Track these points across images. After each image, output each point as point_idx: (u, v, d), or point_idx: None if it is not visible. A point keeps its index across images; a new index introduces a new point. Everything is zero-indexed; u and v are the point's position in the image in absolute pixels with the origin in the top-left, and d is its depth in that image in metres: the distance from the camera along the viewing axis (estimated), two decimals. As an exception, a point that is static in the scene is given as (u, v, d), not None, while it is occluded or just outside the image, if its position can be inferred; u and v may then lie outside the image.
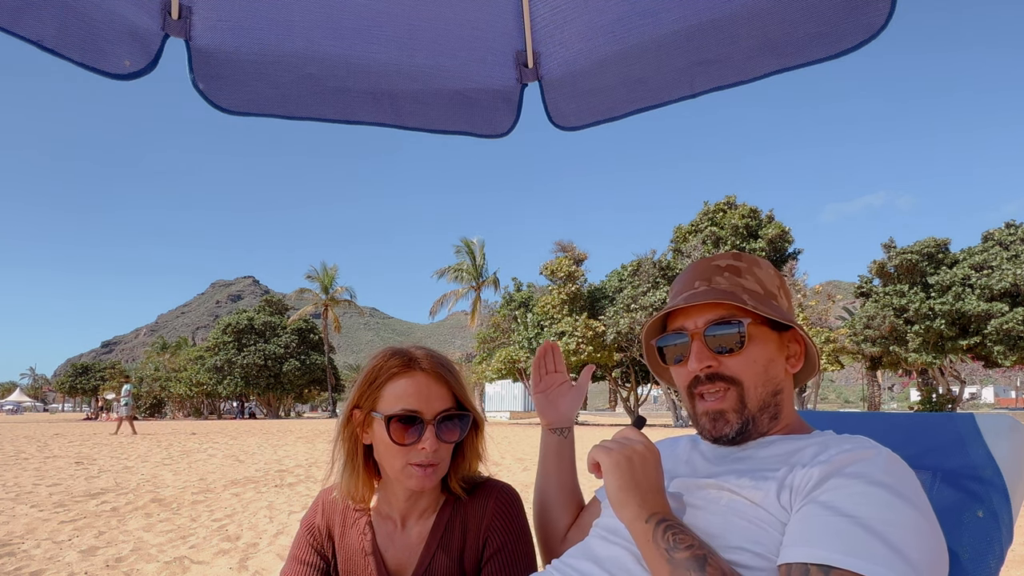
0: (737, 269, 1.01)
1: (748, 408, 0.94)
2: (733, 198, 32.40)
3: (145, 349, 77.87)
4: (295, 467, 10.15)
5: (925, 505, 0.78)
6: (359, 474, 1.13)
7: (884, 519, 0.73)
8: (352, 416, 1.12)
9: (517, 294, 34.35)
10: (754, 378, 0.95)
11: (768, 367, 0.96)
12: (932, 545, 0.74)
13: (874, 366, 29.90)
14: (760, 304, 0.96)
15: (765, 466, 0.89)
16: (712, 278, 1.01)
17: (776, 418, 0.97)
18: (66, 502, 6.47)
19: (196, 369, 47.67)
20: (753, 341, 0.95)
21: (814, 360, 1.02)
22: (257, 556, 4.32)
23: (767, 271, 1.03)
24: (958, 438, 1.05)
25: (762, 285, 1.01)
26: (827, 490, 0.78)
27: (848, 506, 0.75)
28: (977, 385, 60.06)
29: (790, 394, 1.00)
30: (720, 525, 0.85)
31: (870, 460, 0.80)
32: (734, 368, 0.94)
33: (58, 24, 1.16)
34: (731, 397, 0.95)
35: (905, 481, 0.78)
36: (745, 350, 0.94)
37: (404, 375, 1.08)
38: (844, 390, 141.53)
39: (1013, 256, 25.41)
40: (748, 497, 0.85)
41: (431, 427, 1.06)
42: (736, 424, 0.94)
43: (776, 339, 0.98)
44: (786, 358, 0.99)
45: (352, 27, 1.44)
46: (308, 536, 1.19)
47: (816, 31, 1.28)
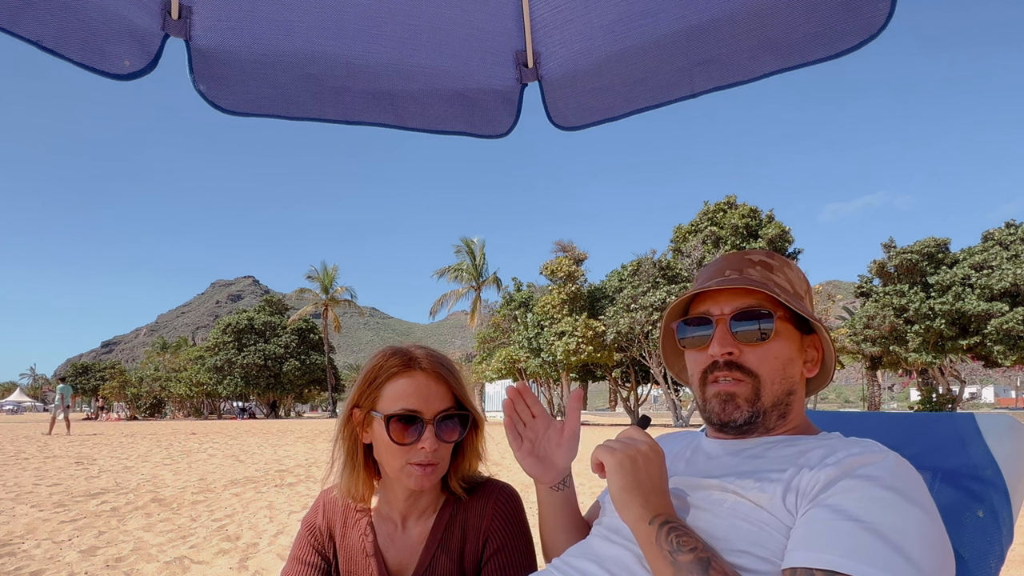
0: (770, 266, 1.01)
1: (761, 401, 0.94)
2: (733, 198, 32.38)
3: (145, 349, 77.83)
4: (295, 467, 10.15)
5: (933, 509, 0.77)
6: (359, 473, 1.13)
7: (891, 523, 0.73)
8: (352, 415, 1.12)
9: (517, 294, 34.33)
10: (772, 373, 0.94)
11: (787, 365, 0.96)
12: (940, 550, 0.73)
13: (874, 366, 29.89)
14: (791, 300, 0.95)
15: (771, 467, 0.88)
16: (744, 269, 1.00)
17: (784, 417, 0.97)
18: (66, 502, 6.47)
19: (196, 369, 47.65)
20: (778, 336, 0.95)
21: (829, 369, 1.01)
22: (257, 556, 4.32)
23: (797, 274, 1.03)
24: (958, 438, 1.05)
25: (792, 285, 1.01)
26: (834, 493, 0.78)
27: (855, 510, 0.74)
28: (977, 385, 60.07)
29: (802, 397, 1.00)
30: (724, 528, 0.84)
31: (879, 464, 0.79)
32: (754, 360, 0.94)
33: (58, 24, 1.16)
34: (746, 387, 0.94)
35: (913, 485, 0.78)
36: (769, 343, 0.94)
37: (404, 374, 1.08)
38: (844, 390, 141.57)
39: (1013, 256, 25.39)
40: (753, 499, 0.85)
41: (431, 427, 1.06)
42: (747, 412, 0.94)
43: (799, 340, 0.98)
44: (804, 362, 0.99)
45: (352, 27, 1.44)
46: (309, 536, 1.19)
47: (816, 31, 1.28)
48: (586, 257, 32.08)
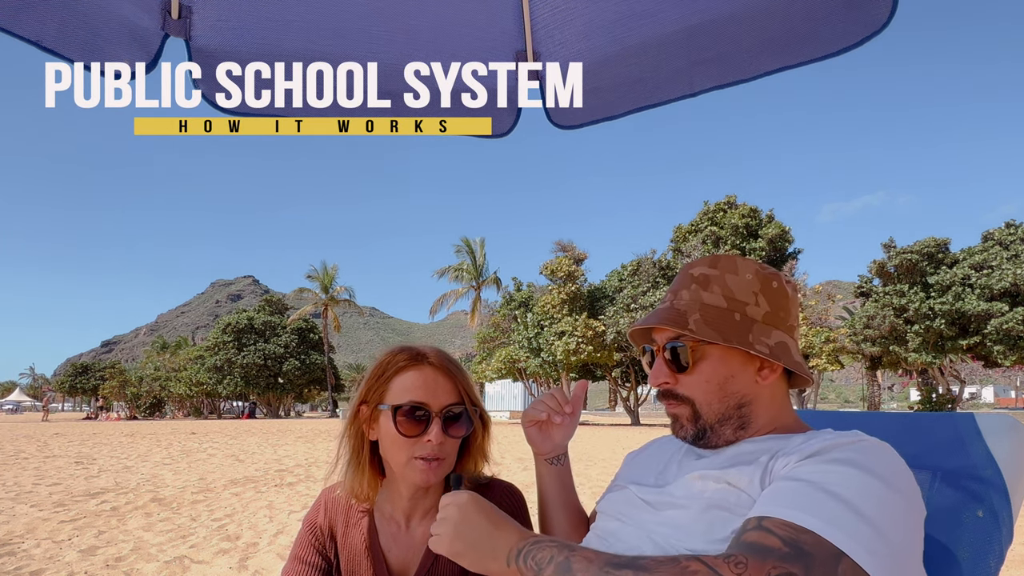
0: (706, 279, 0.98)
1: (703, 419, 0.96)
2: (733, 198, 32.39)
3: (145, 349, 77.85)
4: (295, 467, 10.15)
5: (906, 490, 0.76)
6: (364, 471, 1.13)
7: (848, 486, 0.73)
8: (359, 412, 1.12)
9: (517, 294, 34.34)
10: (706, 396, 0.95)
11: (725, 384, 0.94)
12: (903, 524, 0.73)
13: (874, 366, 29.90)
14: (710, 322, 0.93)
15: (753, 456, 0.89)
16: (679, 291, 1.00)
17: (744, 427, 0.95)
18: (66, 502, 6.47)
19: (196, 369, 47.63)
20: (704, 360, 0.94)
21: (799, 368, 0.97)
22: (257, 556, 4.32)
23: (743, 277, 0.97)
24: (958, 438, 1.04)
25: (729, 295, 0.96)
26: (799, 466, 0.79)
27: (814, 476, 0.75)
28: (977, 385, 60.08)
29: (767, 402, 0.96)
30: (705, 520, 0.84)
31: (852, 446, 0.80)
32: (687, 386, 0.96)
33: (58, 24, 1.16)
34: (684, 409, 0.97)
35: (885, 465, 0.77)
36: (695, 369, 0.95)
37: (412, 368, 1.09)
38: (844, 390, 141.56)
39: (1013, 256, 25.40)
40: (733, 482, 0.85)
41: (437, 420, 1.06)
42: (691, 430, 0.97)
43: (740, 353, 0.94)
44: (758, 369, 0.95)
45: (352, 27, 1.45)
46: (310, 536, 1.19)
47: (816, 29, 1.28)
48: (586, 257, 32.10)
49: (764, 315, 0.96)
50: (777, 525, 0.71)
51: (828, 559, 0.67)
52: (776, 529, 0.71)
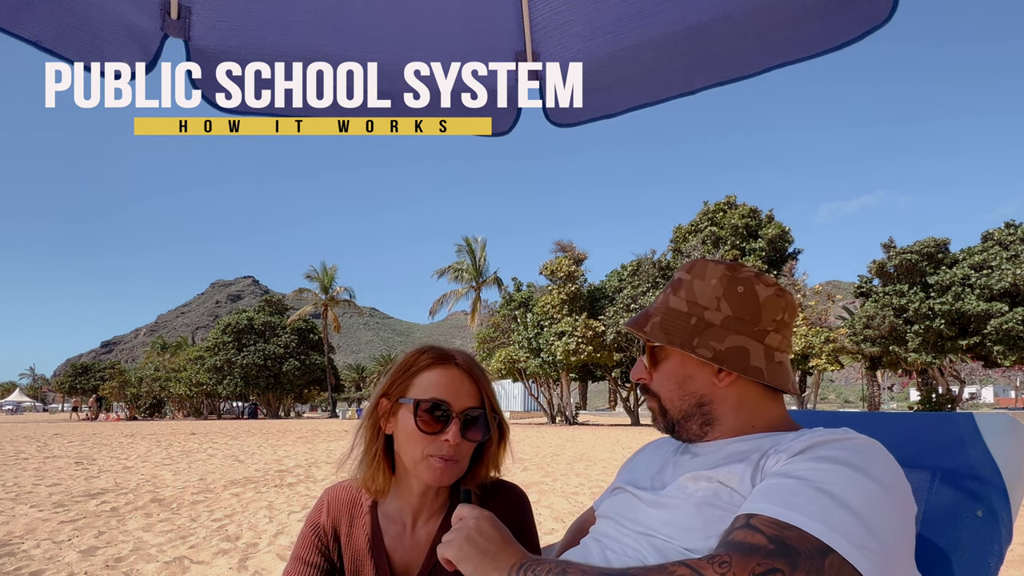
0: (679, 284, 1.02)
1: (670, 415, 1.02)
2: (733, 198, 32.40)
3: (145, 349, 77.85)
4: (295, 467, 10.15)
5: (896, 488, 0.76)
6: (377, 463, 1.13)
7: (837, 482, 0.73)
8: (379, 405, 1.12)
9: (517, 294, 34.33)
10: (669, 393, 1.01)
11: (684, 383, 0.99)
12: (892, 521, 0.73)
13: (874, 366, 29.90)
14: (665, 325, 0.99)
15: (745, 454, 0.90)
16: (661, 295, 1.06)
17: (711, 424, 0.98)
18: (66, 502, 6.47)
19: (196, 369, 47.61)
20: (667, 360, 1.01)
21: (760, 372, 0.95)
22: (257, 556, 4.32)
23: (708, 282, 0.98)
24: (958, 438, 1.05)
25: (692, 299, 0.98)
26: (788, 464, 0.79)
27: (802, 472, 0.76)
28: (977, 385, 60.06)
29: (734, 403, 0.97)
30: (701, 519, 0.85)
31: (841, 444, 0.80)
32: (656, 383, 1.04)
33: (57, 24, 1.16)
34: (655, 403, 1.04)
35: (875, 463, 0.77)
36: (659, 368, 1.03)
37: (438, 366, 1.10)
38: (844, 390, 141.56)
39: (1013, 256, 25.40)
40: (724, 481, 0.86)
41: (457, 420, 1.06)
42: (662, 424, 1.04)
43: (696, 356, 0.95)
44: (716, 372, 0.96)
45: (352, 27, 1.45)
46: (313, 536, 1.19)
47: (815, 23, 1.28)
48: (586, 257, 32.08)
49: (724, 320, 0.96)
50: (763, 522, 0.72)
51: (814, 554, 0.68)
52: (762, 526, 0.71)
